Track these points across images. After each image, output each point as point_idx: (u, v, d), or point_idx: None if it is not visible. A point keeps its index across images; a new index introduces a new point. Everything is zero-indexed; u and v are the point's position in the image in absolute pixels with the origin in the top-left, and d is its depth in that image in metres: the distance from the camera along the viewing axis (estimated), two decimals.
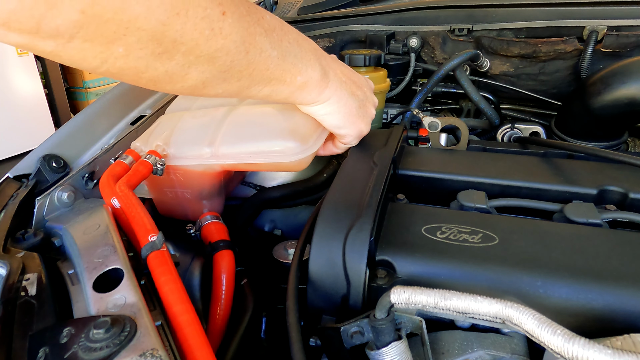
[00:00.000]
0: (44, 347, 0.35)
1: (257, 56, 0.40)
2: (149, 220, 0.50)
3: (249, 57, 0.39)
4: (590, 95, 0.70)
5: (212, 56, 0.36)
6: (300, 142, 0.54)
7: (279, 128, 0.55)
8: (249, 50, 0.38)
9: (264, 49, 0.40)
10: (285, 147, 0.54)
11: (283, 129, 0.55)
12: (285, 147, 0.54)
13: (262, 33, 0.39)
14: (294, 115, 0.57)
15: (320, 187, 0.73)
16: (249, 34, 0.38)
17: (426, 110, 1.02)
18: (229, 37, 0.36)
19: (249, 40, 0.38)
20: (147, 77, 0.36)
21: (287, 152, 0.54)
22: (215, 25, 0.35)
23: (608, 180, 0.51)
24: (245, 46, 0.38)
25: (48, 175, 0.59)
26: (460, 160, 0.58)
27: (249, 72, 0.40)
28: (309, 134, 0.56)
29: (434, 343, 0.38)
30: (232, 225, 0.68)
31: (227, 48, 0.36)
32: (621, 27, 0.83)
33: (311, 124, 0.57)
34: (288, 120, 0.56)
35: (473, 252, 0.39)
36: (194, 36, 0.34)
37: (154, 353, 0.33)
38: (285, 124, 0.55)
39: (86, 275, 0.44)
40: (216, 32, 0.35)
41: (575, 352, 0.27)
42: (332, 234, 0.41)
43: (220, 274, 0.55)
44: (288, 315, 0.39)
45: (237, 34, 0.37)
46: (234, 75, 0.40)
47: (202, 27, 0.34)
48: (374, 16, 1.02)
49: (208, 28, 0.34)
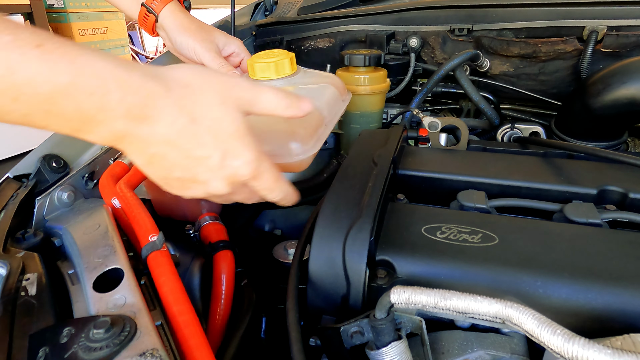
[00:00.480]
0: (44, 346, 0.35)
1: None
2: (150, 220, 0.50)
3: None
4: (590, 95, 0.70)
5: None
6: (301, 143, 0.54)
7: (280, 129, 0.55)
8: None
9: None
10: (286, 148, 0.53)
11: (284, 130, 0.55)
12: (285, 148, 0.54)
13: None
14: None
15: (320, 187, 0.73)
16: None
17: (426, 110, 1.02)
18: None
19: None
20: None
21: (287, 153, 0.54)
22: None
23: (608, 180, 0.51)
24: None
25: (48, 175, 0.59)
26: (460, 160, 0.58)
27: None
28: (309, 135, 0.56)
29: (434, 343, 0.38)
30: (232, 225, 0.68)
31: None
32: (621, 27, 0.83)
33: (311, 125, 0.57)
34: (287, 121, 0.56)
35: (473, 252, 0.39)
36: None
37: (154, 353, 0.33)
38: (286, 125, 0.55)
39: (86, 275, 0.44)
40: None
41: (575, 352, 0.27)
42: (332, 234, 0.41)
43: (220, 274, 0.55)
44: (288, 315, 0.39)
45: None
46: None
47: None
48: (374, 16, 1.02)
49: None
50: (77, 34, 3.64)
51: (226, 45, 0.73)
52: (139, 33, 5.02)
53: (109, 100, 0.33)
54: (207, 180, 0.41)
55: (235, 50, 0.74)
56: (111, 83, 0.34)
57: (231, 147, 0.40)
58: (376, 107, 0.86)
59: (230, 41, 0.74)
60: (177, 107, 0.37)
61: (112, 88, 0.33)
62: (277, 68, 0.65)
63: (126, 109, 0.34)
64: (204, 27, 0.72)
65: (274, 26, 1.11)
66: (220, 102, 0.39)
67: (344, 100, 0.70)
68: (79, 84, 0.32)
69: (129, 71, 0.35)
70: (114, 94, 0.34)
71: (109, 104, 0.34)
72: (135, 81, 0.35)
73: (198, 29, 0.71)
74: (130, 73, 0.35)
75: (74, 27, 3.60)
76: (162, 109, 0.36)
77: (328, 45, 1.07)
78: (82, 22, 3.67)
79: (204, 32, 0.71)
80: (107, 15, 3.90)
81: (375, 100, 0.85)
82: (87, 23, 3.71)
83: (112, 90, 0.33)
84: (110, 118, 0.34)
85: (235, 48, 0.74)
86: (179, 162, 0.39)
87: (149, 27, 0.72)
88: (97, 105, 0.33)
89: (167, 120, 0.37)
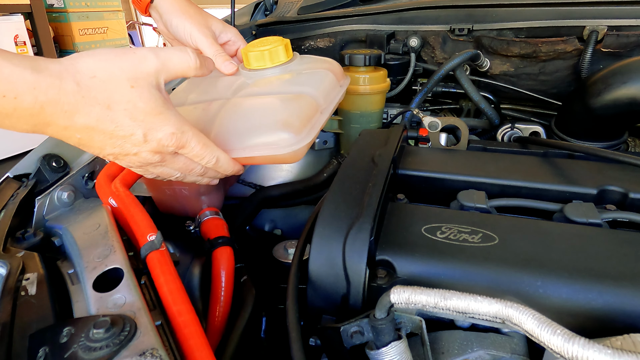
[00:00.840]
0: (44, 346, 0.35)
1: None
2: (147, 219, 0.50)
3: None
4: (591, 95, 0.70)
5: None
6: (294, 133, 0.52)
7: (272, 120, 0.53)
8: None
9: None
10: (279, 139, 0.52)
11: (276, 120, 0.53)
12: (278, 139, 0.52)
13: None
14: (287, 106, 0.55)
15: (320, 186, 0.73)
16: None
17: (426, 110, 1.02)
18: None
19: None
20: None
21: (280, 144, 0.52)
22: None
23: (608, 180, 0.51)
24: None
25: (48, 175, 0.59)
26: (460, 160, 0.58)
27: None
28: (302, 125, 0.54)
29: (434, 343, 0.38)
30: (231, 224, 0.68)
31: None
32: (621, 27, 0.83)
33: (304, 115, 0.55)
34: (281, 111, 0.54)
35: (473, 252, 0.39)
36: None
37: (153, 352, 0.33)
38: (278, 116, 0.53)
39: (86, 275, 0.44)
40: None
41: (575, 352, 0.27)
42: (332, 234, 0.41)
43: (219, 270, 0.55)
44: (288, 315, 0.39)
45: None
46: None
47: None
48: (374, 16, 1.02)
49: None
50: (77, 34, 3.64)
51: (222, 32, 0.72)
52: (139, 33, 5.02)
53: (22, 101, 0.36)
54: (137, 152, 0.45)
55: (231, 38, 0.73)
56: (20, 86, 0.36)
57: (150, 124, 0.43)
58: (376, 106, 0.86)
59: (227, 29, 0.73)
60: (89, 98, 0.40)
61: (22, 90, 0.36)
62: (271, 56, 0.63)
63: (40, 107, 0.37)
64: (201, 12, 0.71)
65: (274, 26, 1.11)
66: (131, 85, 0.42)
67: (342, 85, 0.68)
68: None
69: (36, 72, 0.37)
70: (26, 95, 0.36)
71: (21, 104, 0.37)
72: (44, 81, 0.37)
73: (196, 14, 0.70)
74: (38, 74, 0.37)
75: (74, 26, 3.60)
76: (75, 103, 0.39)
77: (328, 45, 1.07)
78: (82, 22, 3.67)
79: (201, 17, 0.70)
80: (107, 15, 3.90)
81: (376, 100, 0.85)
82: (87, 23, 3.71)
83: (23, 92, 0.36)
84: (27, 115, 0.37)
85: (232, 36, 0.73)
86: (106, 141, 0.43)
87: (142, 7, 0.70)
88: (11, 106, 0.36)
89: (83, 111, 0.40)
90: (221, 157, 0.51)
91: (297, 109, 0.55)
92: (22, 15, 2.98)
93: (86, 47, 3.72)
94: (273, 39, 0.66)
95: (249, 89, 0.62)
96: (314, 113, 0.57)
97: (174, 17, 0.69)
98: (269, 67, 0.64)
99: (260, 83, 0.63)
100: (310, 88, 0.60)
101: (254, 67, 0.64)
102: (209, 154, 0.49)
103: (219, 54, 0.68)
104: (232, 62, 0.68)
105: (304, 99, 0.57)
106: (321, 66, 0.66)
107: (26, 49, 3.04)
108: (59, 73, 0.38)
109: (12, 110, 0.36)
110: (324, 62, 0.68)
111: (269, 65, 0.64)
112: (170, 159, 0.48)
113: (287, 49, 0.65)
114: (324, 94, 0.61)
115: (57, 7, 3.56)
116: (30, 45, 3.06)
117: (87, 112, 0.40)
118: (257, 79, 0.64)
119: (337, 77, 0.67)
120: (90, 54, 0.42)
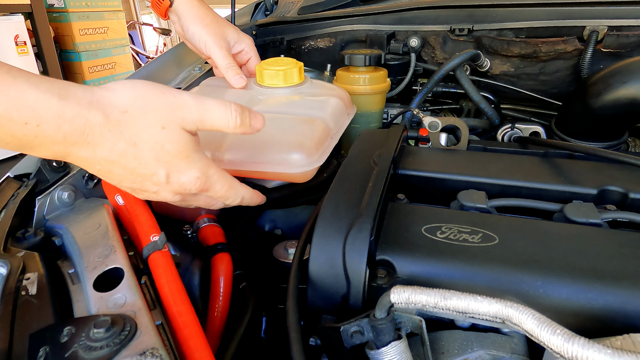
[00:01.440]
0: (45, 346, 0.35)
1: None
2: (152, 220, 0.50)
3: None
4: (591, 95, 0.70)
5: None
6: (307, 155, 0.54)
7: (287, 140, 0.56)
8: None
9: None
10: (292, 159, 0.54)
11: (291, 141, 0.55)
12: (291, 159, 0.54)
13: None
14: (302, 128, 0.57)
15: (320, 187, 0.73)
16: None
17: (426, 110, 1.02)
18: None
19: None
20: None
21: (293, 163, 0.54)
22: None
23: (608, 180, 0.51)
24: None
25: (48, 175, 0.59)
26: (461, 160, 0.58)
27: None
28: (315, 147, 0.56)
29: (434, 343, 0.38)
30: (232, 227, 0.68)
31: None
32: (621, 27, 0.83)
33: (317, 138, 0.57)
34: (295, 132, 0.57)
35: (473, 252, 0.39)
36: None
37: (154, 352, 0.33)
38: (294, 137, 0.56)
39: (86, 275, 0.44)
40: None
41: (575, 351, 0.27)
42: (332, 234, 0.41)
43: (218, 277, 0.55)
44: (288, 316, 0.39)
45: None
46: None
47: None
48: (374, 16, 1.02)
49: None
50: (78, 34, 3.64)
51: (237, 42, 0.74)
52: (140, 32, 5.02)
53: (44, 129, 0.35)
54: (157, 191, 0.43)
55: (244, 48, 0.75)
56: (45, 113, 0.34)
57: (175, 166, 0.42)
58: (376, 107, 0.86)
59: (242, 39, 0.74)
60: (116, 133, 0.38)
61: (46, 118, 0.35)
62: (285, 76, 0.66)
63: (63, 137, 0.36)
64: (219, 21, 0.72)
65: (275, 26, 1.11)
66: (162, 126, 0.40)
67: (349, 114, 0.72)
68: (12, 115, 0.33)
69: (64, 100, 0.35)
70: (49, 123, 0.35)
71: (43, 132, 0.35)
72: (70, 110, 0.36)
73: (212, 22, 0.70)
74: (65, 102, 0.35)
75: (74, 26, 3.60)
76: (100, 136, 0.37)
77: (328, 45, 1.07)
78: (83, 22, 3.68)
79: (217, 26, 0.71)
80: (108, 15, 3.91)
81: (376, 100, 0.85)
82: (87, 23, 3.71)
83: (47, 121, 0.35)
84: (48, 143, 0.36)
85: (245, 46, 0.75)
86: (126, 176, 0.41)
87: (162, 10, 0.71)
88: (33, 133, 0.35)
89: (107, 145, 0.38)
90: (246, 195, 0.50)
91: (311, 132, 0.57)
92: (23, 15, 2.98)
93: (86, 47, 3.72)
94: (288, 60, 0.69)
95: (262, 105, 0.64)
96: (326, 137, 0.59)
97: (190, 23, 0.70)
98: (281, 86, 0.66)
99: (271, 101, 0.66)
100: (322, 113, 0.63)
101: (266, 84, 0.66)
102: (233, 195, 0.48)
103: (231, 67, 0.69)
104: (242, 77, 0.69)
105: (317, 123, 0.60)
106: (331, 93, 0.69)
107: (26, 49, 3.05)
108: (88, 104, 0.37)
109: (34, 137, 0.35)
110: (333, 89, 0.71)
111: (281, 84, 0.67)
112: (192, 198, 0.47)
113: (301, 71, 0.69)
114: (335, 120, 0.64)
115: (57, 7, 3.56)
116: (30, 45, 3.07)
117: (111, 147, 0.38)
118: (268, 96, 0.67)
119: (346, 105, 0.71)
120: (128, 86, 0.40)
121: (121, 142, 0.38)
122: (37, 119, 0.34)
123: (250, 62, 0.77)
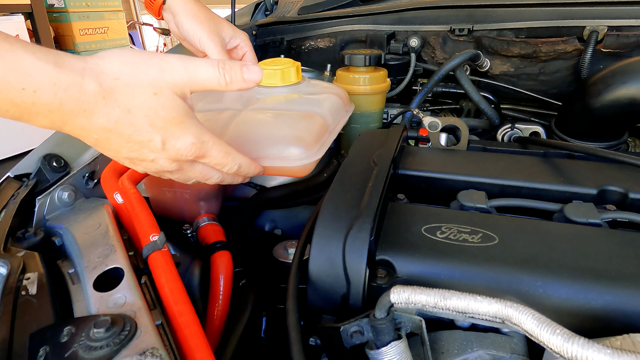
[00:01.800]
0: (45, 346, 0.35)
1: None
2: (151, 219, 0.50)
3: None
4: (591, 95, 0.70)
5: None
6: (306, 149, 0.55)
7: (286, 134, 0.56)
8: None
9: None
10: (291, 152, 0.54)
11: (289, 135, 0.56)
12: (290, 153, 0.55)
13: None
14: (300, 122, 0.58)
15: (320, 187, 0.73)
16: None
17: (426, 110, 1.02)
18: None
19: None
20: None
21: (291, 157, 0.54)
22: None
23: (608, 180, 0.51)
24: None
25: (48, 175, 0.59)
26: (460, 160, 0.58)
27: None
28: (314, 141, 0.57)
29: (434, 343, 0.38)
30: (232, 225, 0.68)
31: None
32: (621, 27, 0.83)
33: (315, 132, 0.58)
34: (293, 126, 0.57)
35: (473, 252, 0.39)
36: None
37: (154, 352, 0.33)
38: (292, 131, 0.56)
39: (86, 275, 0.44)
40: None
41: (575, 351, 0.27)
42: (332, 234, 0.41)
43: (217, 275, 0.55)
44: (288, 316, 0.39)
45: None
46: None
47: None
48: (374, 16, 1.02)
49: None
50: (78, 34, 3.64)
51: (232, 38, 0.73)
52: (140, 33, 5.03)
53: (40, 95, 0.35)
54: (154, 159, 0.44)
55: (240, 43, 0.74)
56: (41, 80, 0.35)
57: (170, 132, 0.42)
58: (376, 107, 0.86)
59: (237, 35, 0.74)
60: (110, 100, 0.39)
61: (42, 85, 0.35)
62: (283, 76, 0.68)
63: (59, 104, 0.36)
64: (213, 18, 0.72)
65: (275, 26, 1.11)
66: (154, 92, 0.41)
67: (347, 111, 0.73)
68: (10, 79, 0.34)
69: (59, 67, 0.36)
70: (46, 90, 0.36)
71: (40, 99, 0.36)
72: (65, 78, 0.36)
73: (207, 19, 0.70)
74: (60, 70, 0.36)
75: (74, 26, 3.60)
76: (95, 103, 0.38)
77: (328, 45, 1.07)
78: (83, 22, 3.67)
79: (212, 22, 0.70)
80: (108, 15, 3.90)
81: (376, 100, 0.85)
82: (87, 23, 3.71)
83: (43, 87, 0.35)
84: (46, 112, 0.37)
85: (241, 42, 0.74)
86: (123, 145, 0.42)
87: (155, 9, 0.71)
88: (30, 100, 0.35)
89: (102, 112, 0.39)
90: (243, 162, 0.50)
91: (309, 126, 0.58)
92: (23, 15, 2.98)
93: (86, 47, 3.72)
94: (285, 60, 0.71)
95: (260, 103, 0.65)
96: (324, 132, 0.60)
97: (185, 20, 0.69)
98: (279, 85, 0.68)
99: (269, 100, 0.67)
100: (320, 109, 0.64)
101: (264, 84, 0.68)
102: (230, 162, 0.48)
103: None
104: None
105: (315, 117, 0.61)
106: (328, 91, 0.70)
107: None
108: (81, 71, 0.37)
109: (31, 104, 0.36)
110: (331, 88, 0.72)
111: (279, 84, 0.68)
112: (188, 167, 0.47)
113: (298, 71, 0.70)
114: (333, 116, 0.65)
115: (57, 7, 3.56)
116: None
117: (106, 114, 0.39)
118: (266, 95, 0.68)
119: (344, 103, 0.72)
120: (117, 54, 0.41)
121: (115, 109, 0.39)
122: (34, 85, 0.35)
123: (246, 57, 0.76)
